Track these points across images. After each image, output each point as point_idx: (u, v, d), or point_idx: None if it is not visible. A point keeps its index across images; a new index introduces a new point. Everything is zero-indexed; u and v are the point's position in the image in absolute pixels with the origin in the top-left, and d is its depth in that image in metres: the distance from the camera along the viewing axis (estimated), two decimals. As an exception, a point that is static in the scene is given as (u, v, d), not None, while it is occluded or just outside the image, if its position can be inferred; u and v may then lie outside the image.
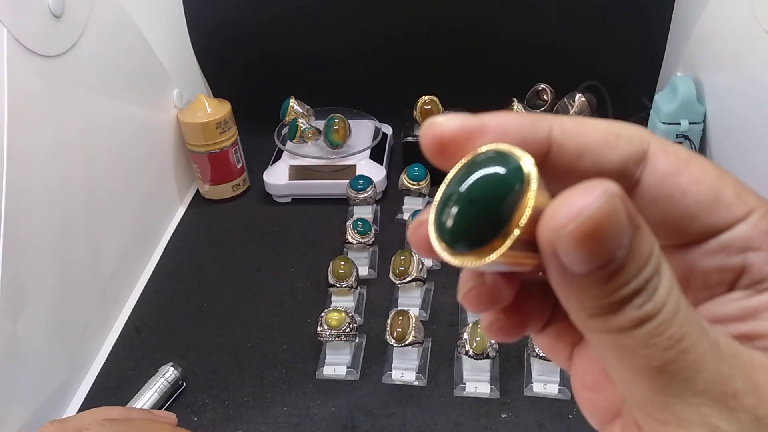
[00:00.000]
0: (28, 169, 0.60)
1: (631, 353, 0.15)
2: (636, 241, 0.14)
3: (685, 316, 0.15)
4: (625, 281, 0.14)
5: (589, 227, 0.13)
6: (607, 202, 0.14)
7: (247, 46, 1.03)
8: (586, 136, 0.17)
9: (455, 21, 0.99)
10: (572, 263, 0.14)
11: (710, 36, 0.80)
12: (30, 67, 0.60)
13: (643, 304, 0.15)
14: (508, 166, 0.15)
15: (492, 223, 0.15)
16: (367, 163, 0.91)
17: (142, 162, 0.83)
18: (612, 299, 0.15)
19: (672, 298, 0.15)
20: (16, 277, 0.58)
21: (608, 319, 0.15)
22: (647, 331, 0.15)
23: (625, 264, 0.14)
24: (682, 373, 0.15)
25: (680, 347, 0.15)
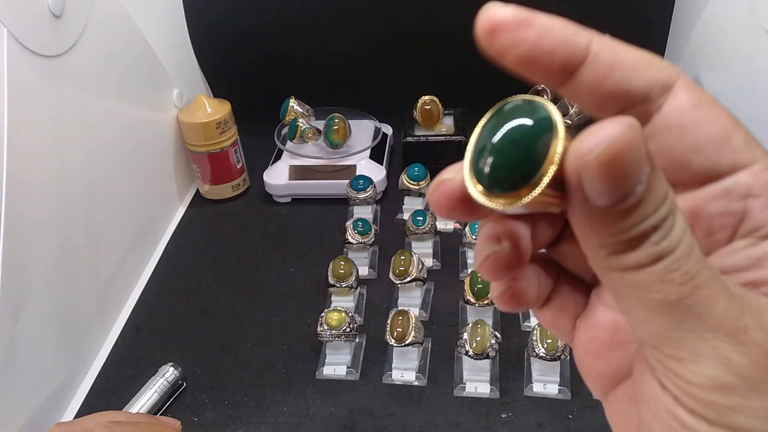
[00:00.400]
0: (28, 168, 0.60)
1: (648, 289, 0.16)
2: (653, 180, 0.15)
3: (698, 256, 0.16)
4: (643, 216, 0.15)
5: (614, 152, 0.14)
6: (630, 130, 0.14)
7: (248, 46, 1.03)
8: (623, 53, 0.18)
9: (455, 21, 0.99)
10: (595, 194, 0.15)
11: (710, 35, 0.80)
12: (30, 67, 0.60)
13: (660, 241, 0.15)
14: (537, 115, 0.16)
15: (528, 164, 0.16)
16: (367, 163, 0.91)
17: (142, 162, 0.83)
18: (631, 234, 0.15)
19: (686, 238, 0.16)
20: (17, 277, 0.58)
21: (627, 255, 0.16)
22: (664, 266, 0.15)
23: (643, 199, 0.15)
24: (696, 307, 0.16)
25: (694, 283, 0.16)
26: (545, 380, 0.64)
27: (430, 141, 0.91)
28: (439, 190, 0.18)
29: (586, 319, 0.21)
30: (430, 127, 0.92)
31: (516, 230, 0.19)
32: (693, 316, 0.16)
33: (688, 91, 0.18)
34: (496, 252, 0.19)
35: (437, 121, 0.92)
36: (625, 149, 0.14)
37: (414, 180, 0.83)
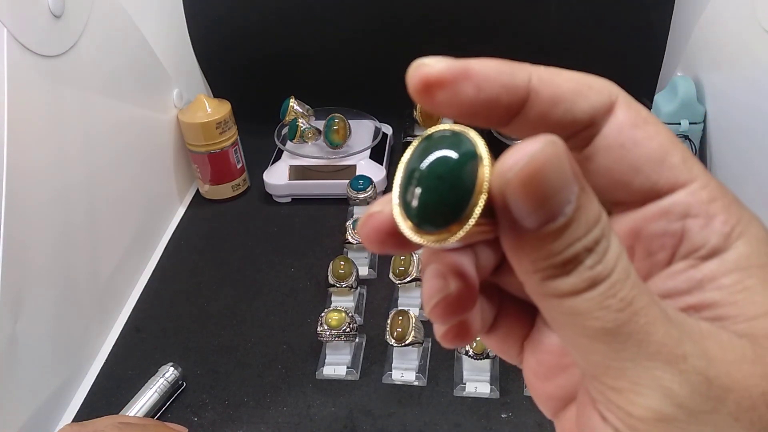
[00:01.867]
0: (29, 168, 0.60)
1: (585, 317, 0.15)
2: (583, 200, 0.15)
3: (635, 280, 0.15)
4: (574, 238, 0.15)
5: (534, 167, 0.14)
6: (550, 146, 0.14)
7: (248, 46, 1.03)
8: (560, 85, 0.17)
9: (455, 21, 0.99)
10: (522, 214, 0.15)
11: (710, 36, 0.80)
12: (30, 67, 0.60)
13: (595, 265, 0.15)
14: (462, 147, 0.16)
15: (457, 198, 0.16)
16: (367, 163, 0.91)
17: (142, 162, 0.83)
18: (564, 257, 0.15)
19: (622, 262, 0.15)
20: (17, 277, 0.58)
21: (561, 280, 0.15)
22: (600, 292, 0.15)
23: (573, 220, 0.15)
24: (634, 335, 0.15)
25: (632, 309, 0.15)
26: (545, 380, 0.63)
27: (430, 141, 0.91)
28: (368, 224, 0.17)
29: (533, 342, 0.21)
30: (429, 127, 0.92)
31: (461, 265, 0.18)
32: (632, 344, 0.15)
33: (626, 110, 0.18)
34: (446, 295, 0.18)
35: (437, 121, 0.92)
36: (545, 165, 0.14)
37: (414, 180, 0.83)
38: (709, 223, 0.17)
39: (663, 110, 0.78)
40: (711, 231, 0.17)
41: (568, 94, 0.17)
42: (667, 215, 0.18)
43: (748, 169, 0.72)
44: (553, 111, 0.17)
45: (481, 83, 0.17)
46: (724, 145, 0.77)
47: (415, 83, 0.17)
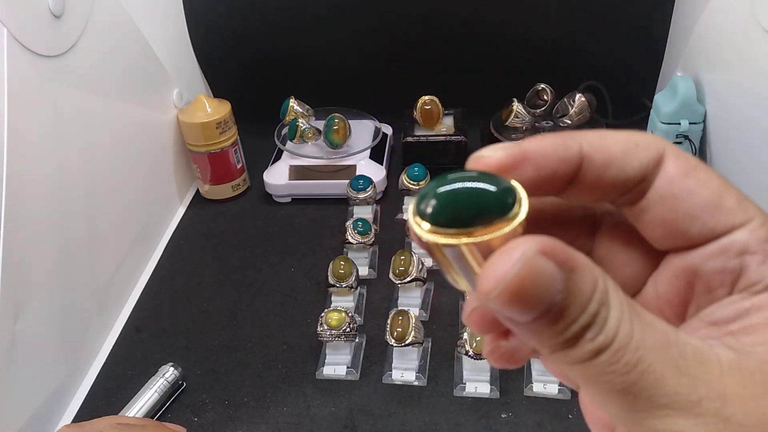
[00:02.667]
0: (28, 168, 0.60)
1: (595, 379, 0.16)
2: (573, 282, 0.16)
3: (640, 340, 0.16)
4: (570, 321, 0.16)
5: (511, 291, 0.15)
6: (525, 265, 0.15)
7: (248, 46, 1.03)
8: (610, 148, 0.18)
9: (455, 21, 0.99)
10: (512, 318, 0.16)
11: (710, 36, 0.80)
12: (30, 66, 0.60)
13: (595, 337, 0.16)
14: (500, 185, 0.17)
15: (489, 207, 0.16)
16: (367, 163, 0.91)
17: (142, 162, 0.83)
18: (563, 338, 0.16)
19: (624, 327, 0.16)
20: (17, 276, 0.58)
21: (567, 353, 0.16)
22: (604, 361, 0.16)
23: (565, 306, 0.15)
24: (644, 392, 0.16)
25: (638, 370, 0.16)
26: (545, 380, 0.64)
27: (430, 141, 0.91)
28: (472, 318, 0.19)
29: None
30: (430, 127, 0.92)
31: None
32: (642, 399, 0.16)
33: (675, 161, 0.18)
34: (482, 307, 0.19)
35: (437, 121, 0.92)
36: (522, 284, 0.15)
37: (414, 180, 0.83)
38: (767, 260, 0.18)
39: (663, 110, 0.78)
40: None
41: (619, 155, 0.18)
42: (725, 253, 0.18)
43: (748, 169, 0.72)
44: (605, 173, 0.18)
45: (538, 162, 0.18)
46: (724, 145, 0.77)
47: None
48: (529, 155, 0.18)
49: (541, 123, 0.91)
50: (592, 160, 0.18)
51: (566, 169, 0.18)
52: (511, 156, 0.18)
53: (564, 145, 0.18)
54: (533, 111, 0.92)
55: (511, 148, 0.18)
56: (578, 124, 0.90)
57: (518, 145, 0.18)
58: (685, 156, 0.19)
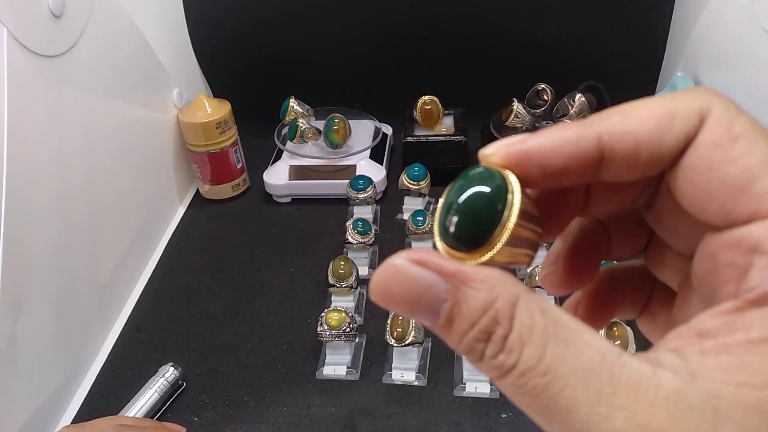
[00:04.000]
0: (29, 168, 0.60)
1: (512, 397, 0.16)
2: (462, 294, 0.15)
3: (550, 365, 0.15)
4: (462, 330, 0.16)
5: (379, 289, 0.16)
6: (384, 271, 0.16)
7: (247, 46, 1.03)
8: (636, 133, 0.16)
9: (455, 21, 0.99)
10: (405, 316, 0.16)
11: (710, 36, 0.80)
12: (30, 67, 0.60)
13: (496, 356, 0.15)
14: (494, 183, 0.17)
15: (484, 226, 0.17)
16: (367, 163, 0.91)
17: (142, 162, 0.83)
18: (463, 346, 0.16)
19: (529, 349, 0.15)
20: (17, 276, 0.58)
21: (479, 365, 0.16)
22: (512, 383, 0.15)
23: (454, 315, 0.16)
24: (558, 415, 0.15)
25: (549, 394, 0.15)
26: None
27: (430, 141, 0.91)
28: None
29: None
30: (430, 127, 0.92)
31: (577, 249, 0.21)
32: (558, 421, 0.15)
33: (714, 127, 0.16)
34: (550, 274, 0.21)
35: (437, 121, 0.92)
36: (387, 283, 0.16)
37: (414, 180, 0.83)
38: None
39: (663, 110, 0.78)
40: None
41: (649, 136, 0.16)
42: (737, 246, 0.16)
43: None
44: (637, 159, 0.17)
45: (543, 162, 0.17)
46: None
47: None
48: (531, 155, 0.17)
49: (541, 123, 0.91)
50: (614, 150, 0.16)
51: (580, 165, 0.17)
52: (511, 157, 0.17)
53: (575, 139, 0.17)
54: (533, 111, 0.92)
55: (510, 148, 0.17)
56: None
57: (521, 143, 0.17)
58: (729, 121, 0.16)
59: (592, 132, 0.17)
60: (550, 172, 0.17)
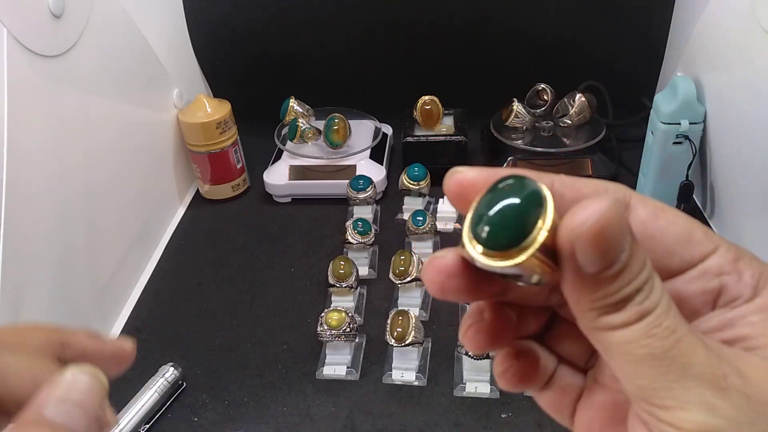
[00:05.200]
0: (28, 168, 0.60)
1: (635, 345, 0.17)
2: (634, 248, 0.17)
3: (676, 313, 0.18)
4: (628, 280, 0.17)
5: (603, 224, 0.16)
6: (616, 205, 0.17)
7: (247, 47, 1.03)
8: (581, 187, 0.20)
9: (455, 21, 0.99)
10: (587, 261, 0.17)
11: (710, 36, 0.80)
12: (30, 66, 0.60)
13: (643, 301, 0.18)
14: (528, 190, 0.18)
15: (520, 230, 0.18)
16: (367, 163, 0.91)
17: (142, 162, 0.83)
18: (618, 296, 0.17)
19: (665, 298, 0.18)
20: (16, 276, 0.58)
21: (615, 315, 0.18)
22: (648, 323, 0.17)
23: (627, 265, 0.17)
24: (679, 358, 0.17)
25: (675, 336, 0.17)
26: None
27: (430, 141, 0.91)
28: (431, 266, 0.20)
29: (586, 400, 0.23)
30: (430, 127, 0.92)
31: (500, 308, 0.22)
32: (677, 366, 0.17)
33: (644, 206, 0.21)
34: (479, 323, 0.22)
35: (437, 121, 0.92)
36: (612, 222, 0.17)
37: (414, 180, 0.83)
38: (741, 277, 0.20)
39: (663, 110, 0.78)
40: (743, 284, 0.20)
41: (588, 196, 0.20)
42: (704, 276, 0.20)
43: (747, 169, 0.72)
44: None
45: None
46: (724, 145, 0.77)
47: (451, 187, 0.20)
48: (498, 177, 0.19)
49: (541, 123, 0.91)
50: (563, 197, 0.20)
51: None
52: (482, 177, 0.20)
53: (537, 177, 0.19)
54: (533, 111, 0.92)
55: (483, 170, 0.20)
56: (578, 124, 0.90)
57: (491, 170, 0.20)
58: (650, 200, 0.21)
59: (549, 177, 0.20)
60: None
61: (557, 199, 0.19)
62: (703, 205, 0.85)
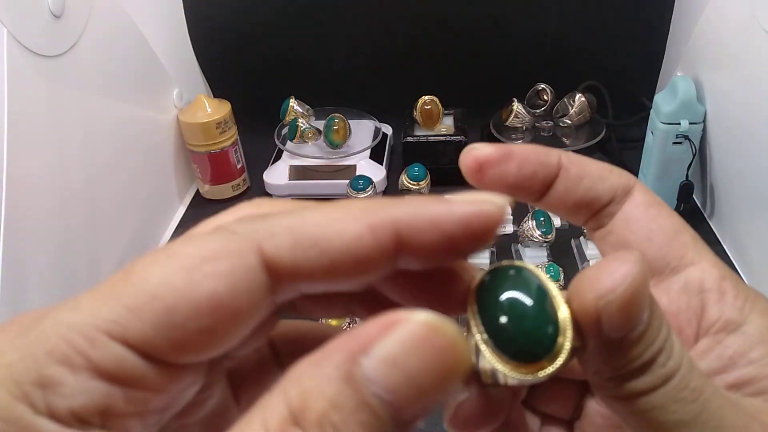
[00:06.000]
0: (28, 168, 0.60)
1: (663, 411, 0.16)
2: (653, 305, 0.16)
3: (698, 370, 0.17)
4: (651, 340, 0.16)
5: (633, 289, 0.15)
6: (643, 264, 0.16)
7: (248, 46, 1.03)
8: (587, 164, 0.20)
9: (455, 21, 0.99)
10: (612, 328, 0.16)
11: (710, 36, 0.80)
12: (30, 67, 0.60)
13: (666, 362, 0.16)
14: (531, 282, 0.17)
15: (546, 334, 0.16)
16: (367, 163, 0.91)
17: (142, 162, 0.83)
18: (642, 359, 0.16)
19: (686, 356, 0.17)
20: (16, 277, 0.58)
21: (639, 380, 0.16)
22: (674, 386, 0.16)
23: (649, 325, 0.16)
24: (710, 423, 0.16)
25: (704, 398, 0.16)
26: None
27: (430, 141, 0.91)
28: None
29: None
30: (430, 127, 0.92)
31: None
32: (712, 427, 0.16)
33: (644, 193, 0.21)
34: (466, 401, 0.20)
35: (437, 121, 0.92)
36: (641, 286, 0.15)
37: (414, 180, 0.83)
38: (723, 297, 0.19)
39: (663, 110, 0.78)
40: (725, 304, 0.19)
41: (593, 173, 0.20)
42: (686, 291, 0.20)
43: (748, 169, 0.72)
44: (579, 186, 0.20)
45: (521, 162, 0.20)
46: (724, 145, 0.77)
47: (468, 163, 0.20)
48: (514, 155, 0.20)
49: (541, 123, 0.91)
50: (568, 171, 0.20)
51: (545, 172, 0.20)
52: (498, 151, 0.20)
53: (545, 153, 0.20)
54: (533, 111, 0.92)
55: (499, 146, 0.20)
56: (578, 124, 0.90)
57: (505, 145, 0.20)
58: (651, 192, 0.21)
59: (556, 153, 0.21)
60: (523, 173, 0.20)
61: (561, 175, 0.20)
62: (703, 205, 0.85)
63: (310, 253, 0.15)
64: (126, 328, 0.14)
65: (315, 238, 0.15)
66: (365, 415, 0.13)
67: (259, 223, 0.16)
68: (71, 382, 0.14)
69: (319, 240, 0.15)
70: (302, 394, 0.13)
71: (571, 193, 0.20)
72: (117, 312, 0.14)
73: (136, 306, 0.14)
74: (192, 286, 0.15)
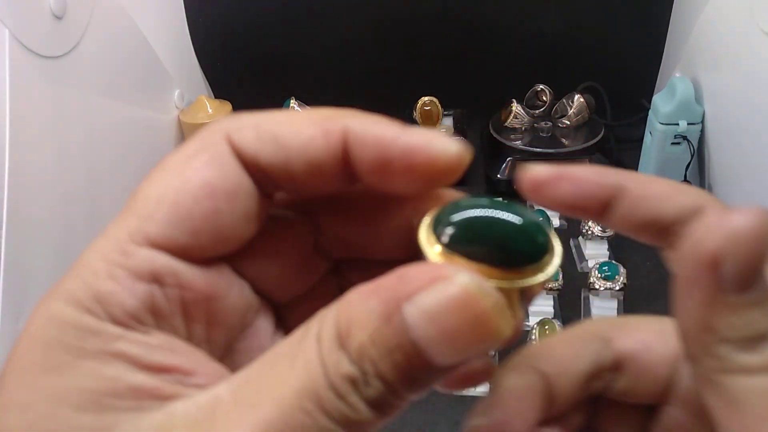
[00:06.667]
0: (30, 169, 0.60)
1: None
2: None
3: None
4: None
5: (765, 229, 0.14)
6: None
7: (248, 47, 1.03)
8: (651, 184, 0.19)
9: (455, 22, 0.99)
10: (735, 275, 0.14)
11: (709, 37, 0.81)
12: (32, 68, 0.61)
13: None
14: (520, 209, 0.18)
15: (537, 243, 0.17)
16: (367, 163, 0.91)
17: (143, 162, 0.83)
18: (757, 329, 0.15)
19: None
20: (18, 276, 0.58)
21: (753, 355, 0.15)
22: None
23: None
24: None
25: None
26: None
27: (430, 141, 0.91)
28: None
29: None
30: (429, 128, 0.93)
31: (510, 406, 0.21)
32: None
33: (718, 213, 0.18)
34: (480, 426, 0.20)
35: (437, 121, 0.92)
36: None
37: (414, 180, 0.83)
38: None
39: (661, 111, 0.78)
40: None
41: (657, 194, 0.19)
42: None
43: (746, 170, 0.72)
44: (640, 206, 0.19)
45: (576, 182, 0.19)
46: (723, 146, 0.77)
47: (526, 183, 0.20)
48: (569, 175, 0.19)
49: (540, 124, 0.92)
50: (630, 191, 0.19)
51: (601, 193, 0.19)
52: (550, 173, 0.19)
53: (603, 173, 0.19)
54: (532, 112, 0.92)
55: (555, 167, 0.20)
56: (577, 125, 0.91)
57: (562, 166, 0.20)
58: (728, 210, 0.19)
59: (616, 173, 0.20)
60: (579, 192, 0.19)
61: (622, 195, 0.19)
62: (702, 206, 0.85)
63: (269, 146, 0.18)
64: (147, 232, 0.17)
65: (275, 133, 0.18)
66: (400, 356, 0.14)
67: (230, 120, 0.19)
68: (118, 290, 0.17)
69: (278, 135, 0.18)
70: (348, 321, 0.15)
71: (634, 214, 0.19)
72: (135, 223, 0.18)
73: (148, 213, 0.17)
74: (186, 182, 0.18)
